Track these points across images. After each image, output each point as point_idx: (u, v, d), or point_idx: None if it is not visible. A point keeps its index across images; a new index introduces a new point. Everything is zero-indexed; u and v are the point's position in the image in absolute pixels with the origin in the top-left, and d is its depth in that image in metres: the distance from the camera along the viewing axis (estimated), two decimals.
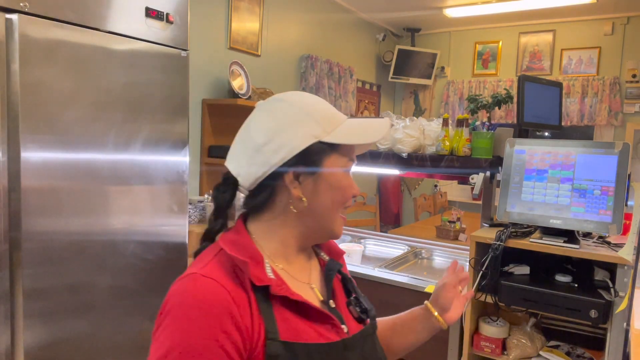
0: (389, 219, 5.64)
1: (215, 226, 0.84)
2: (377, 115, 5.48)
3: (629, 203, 1.53)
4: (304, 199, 0.80)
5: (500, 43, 5.24)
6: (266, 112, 0.82)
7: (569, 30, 4.89)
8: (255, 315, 0.72)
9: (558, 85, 2.27)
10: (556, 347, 1.78)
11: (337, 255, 0.95)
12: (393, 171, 2.22)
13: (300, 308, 0.77)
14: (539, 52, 5.05)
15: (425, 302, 1.02)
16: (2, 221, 1.41)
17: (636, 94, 4.60)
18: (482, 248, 1.71)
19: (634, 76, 4.56)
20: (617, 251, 1.52)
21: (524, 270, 1.73)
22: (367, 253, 2.47)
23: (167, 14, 1.81)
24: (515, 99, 2.03)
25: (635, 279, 1.42)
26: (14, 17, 1.39)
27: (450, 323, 1.01)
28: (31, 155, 1.45)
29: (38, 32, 1.44)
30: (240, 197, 0.87)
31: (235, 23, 3.44)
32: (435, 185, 5.59)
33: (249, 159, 0.80)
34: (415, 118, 2.18)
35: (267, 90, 3.60)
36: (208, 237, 0.84)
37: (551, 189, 1.64)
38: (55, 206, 1.53)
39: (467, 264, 1.77)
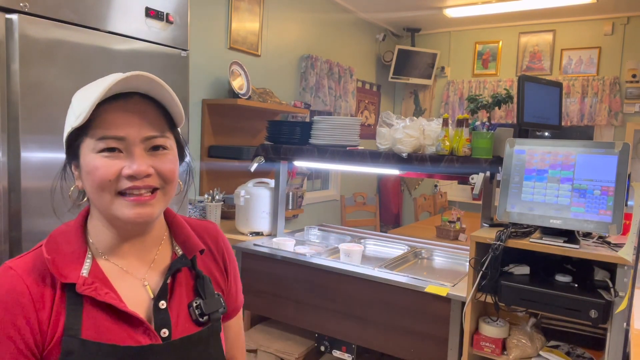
0: (389, 219, 5.64)
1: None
2: (377, 117, 5.48)
3: (629, 203, 1.53)
4: (80, 189, 0.82)
5: (500, 43, 5.24)
6: None
7: (569, 30, 4.89)
8: (57, 311, 0.73)
9: (558, 85, 2.27)
10: (556, 347, 1.78)
11: (190, 251, 0.87)
12: (393, 171, 2.22)
13: (113, 308, 0.75)
14: (539, 52, 5.05)
15: None
16: (2, 221, 1.41)
17: (636, 94, 4.60)
18: (482, 248, 1.71)
19: (634, 76, 4.56)
20: (617, 251, 1.52)
21: (524, 270, 1.73)
22: (367, 253, 2.47)
23: (167, 14, 1.81)
24: (515, 99, 2.03)
25: (635, 279, 1.42)
26: (14, 17, 1.39)
27: None
28: (31, 155, 1.45)
29: (38, 32, 1.44)
30: None
31: (235, 23, 3.44)
32: (435, 185, 5.59)
33: None
34: (415, 118, 2.17)
35: (267, 90, 3.60)
36: None
37: (551, 189, 1.64)
38: (55, 206, 1.53)
39: (467, 264, 1.77)
